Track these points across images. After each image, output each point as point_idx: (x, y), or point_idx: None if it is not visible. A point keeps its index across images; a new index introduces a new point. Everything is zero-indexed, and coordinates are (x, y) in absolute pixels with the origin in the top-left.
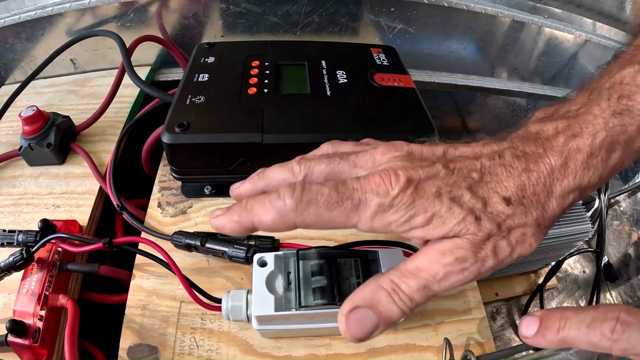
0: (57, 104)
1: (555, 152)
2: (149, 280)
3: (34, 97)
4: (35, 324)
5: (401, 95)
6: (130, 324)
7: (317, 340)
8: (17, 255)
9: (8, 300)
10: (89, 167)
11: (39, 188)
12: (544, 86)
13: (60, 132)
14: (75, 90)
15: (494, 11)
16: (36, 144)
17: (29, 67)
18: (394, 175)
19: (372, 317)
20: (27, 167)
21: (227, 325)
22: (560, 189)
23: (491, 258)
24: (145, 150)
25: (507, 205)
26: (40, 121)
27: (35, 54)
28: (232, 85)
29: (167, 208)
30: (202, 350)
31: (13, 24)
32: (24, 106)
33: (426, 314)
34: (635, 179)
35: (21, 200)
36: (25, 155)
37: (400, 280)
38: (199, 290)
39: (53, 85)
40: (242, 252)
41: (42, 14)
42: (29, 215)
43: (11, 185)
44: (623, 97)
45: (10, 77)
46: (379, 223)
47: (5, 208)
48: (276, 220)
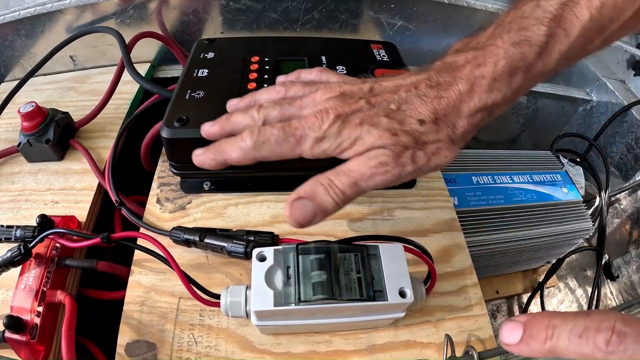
0: (57, 100)
1: (463, 80)
2: (148, 276)
3: (33, 94)
4: (32, 320)
5: None
6: (129, 320)
7: (317, 337)
8: (14, 251)
9: (6, 297)
10: (88, 163)
11: (38, 184)
12: (544, 84)
13: (60, 128)
14: (74, 87)
15: (494, 8)
16: (35, 140)
17: (29, 64)
18: (325, 113)
19: (311, 206)
20: (26, 164)
21: (226, 321)
22: (468, 109)
23: (410, 164)
24: (145, 146)
25: (421, 125)
26: (39, 117)
27: (35, 50)
28: (232, 80)
29: (166, 204)
30: (201, 346)
31: (12, 21)
32: (23, 103)
33: (427, 310)
34: (636, 177)
35: (20, 196)
36: (24, 152)
37: (335, 177)
38: (198, 286)
39: (52, 82)
40: (241, 247)
41: (41, 10)
42: (27, 211)
43: (10, 182)
44: (522, 29)
45: (10, 74)
46: (317, 151)
47: (4, 204)
48: (241, 156)
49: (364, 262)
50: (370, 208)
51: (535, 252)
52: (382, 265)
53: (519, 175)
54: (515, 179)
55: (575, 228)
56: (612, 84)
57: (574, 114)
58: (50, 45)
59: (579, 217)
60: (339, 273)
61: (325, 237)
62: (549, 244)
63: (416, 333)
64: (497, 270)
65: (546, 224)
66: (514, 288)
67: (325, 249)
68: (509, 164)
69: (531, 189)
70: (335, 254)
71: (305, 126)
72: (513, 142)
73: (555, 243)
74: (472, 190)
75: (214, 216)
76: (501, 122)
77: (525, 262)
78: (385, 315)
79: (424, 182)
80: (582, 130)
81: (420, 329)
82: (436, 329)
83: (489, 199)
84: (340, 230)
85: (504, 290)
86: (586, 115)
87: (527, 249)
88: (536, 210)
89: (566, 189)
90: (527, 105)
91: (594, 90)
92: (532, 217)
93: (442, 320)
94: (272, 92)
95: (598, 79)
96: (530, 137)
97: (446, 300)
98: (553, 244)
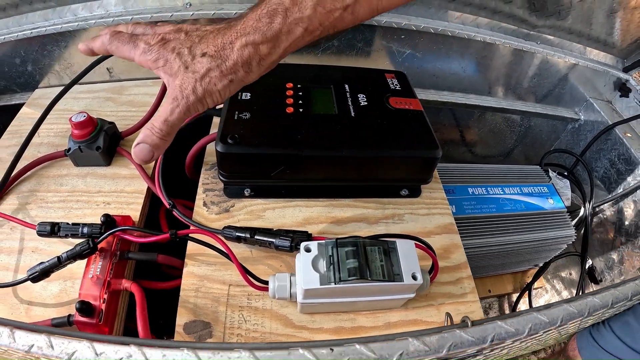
0: (96, 109)
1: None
2: (200, 267)
3: (71, 101)
4: (101, 305)
5: (411, 117)
6: (185, 304)
7: (344, 315)
8: (84, 245)
9: (63, 287)
10: (137, 169)
11: (87, 186)
12: (536, 104)
13: (108, 136)
14: (112, 98)
15: (491, 39)
16: (86, 147)
17: (65, 73)
18: (158, 35)
19: (146, 146)
20: (73, 167)
21: (270, 303)
22: (238, 44)
23: (191, 95)
24: (190, 157)
25: (202, 57)
26: (90, 126)
27: (73, 61)
28: (272, 104)
29: (212, 207)
30: (249, 324)
31: (54, 33)
32: (61, 110)
33: (430, 296)
34: (618, 190)
35: (70, 197)
36: (73, 157)
37: (154, 121)
38: (251, 274)
39: (89, 91)
40: (287, 242)
41: (84, 25)
42: (79, 210)
43: (58, 184)
44: None
45: (44, 81)
46: (142, 59)
47: (54, 204)
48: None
49: (385, 254)
50: (383, 213)
51: (523, 255)
52: (399, 256)
53: (510, 187)
54: (506, 190)
55: (559, 235)
56: (598, 105)
57: (563, 132)
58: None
59: (562, 225)
60: (367, 261)
61: None
62: (536, 248)
63: (422, 314)
64: (489, 271)
65: (533, 230)
66: (504, 288)
67: (357, 242)
68: (501, 177)
69: (520, 200)
70: (364, 246)
71: (142, 40)
72: (507, 156)
73: (541, 247)
74: (468, 200)
75: (254, 218)
76: (496, 137)
77: (515, 265)
78: (399, 296)
79: (427, 193)
80: (570, 146)
81: (425, 311)
82: (438, 311)
83: (482, 208)
84: (360, 231)
85: (496, 290)
86: (574, 132)
87: (516, 252)
88: (524, 218)
89: (552, 200)
90: (521, 123)
91: (582, 110)
92: (521, 224)
93: (442, 304)
94: None
95: (586, 99)
96: (522, 151)
97: (445, 289)
98: (539, 248)
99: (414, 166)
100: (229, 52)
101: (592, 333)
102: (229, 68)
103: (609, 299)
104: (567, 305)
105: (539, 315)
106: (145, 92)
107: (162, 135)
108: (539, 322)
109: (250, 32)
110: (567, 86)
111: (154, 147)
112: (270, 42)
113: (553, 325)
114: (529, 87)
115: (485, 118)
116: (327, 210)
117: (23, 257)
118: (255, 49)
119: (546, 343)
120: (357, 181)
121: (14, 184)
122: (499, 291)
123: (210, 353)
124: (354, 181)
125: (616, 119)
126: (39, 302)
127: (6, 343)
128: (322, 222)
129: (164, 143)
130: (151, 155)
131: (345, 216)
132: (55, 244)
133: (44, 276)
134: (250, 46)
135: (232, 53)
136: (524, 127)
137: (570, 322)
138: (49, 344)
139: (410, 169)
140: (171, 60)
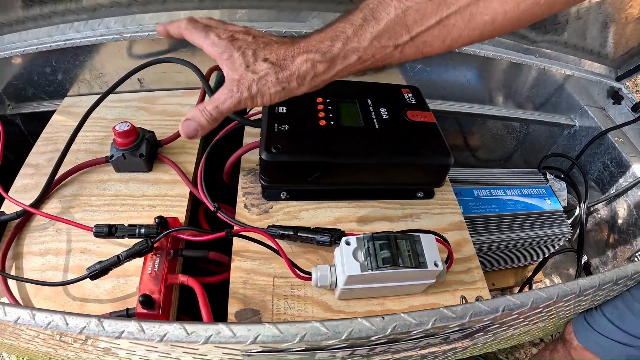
0: (130, 118)
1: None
2: (246, 262)
3: (103, 110)
4: (160, 298)
5: (427, 129)
6: (235, 294)
7: (374, 301)
8: (143, 244)
9: (116, 284)
10: (178, 174)
11: (131, 191)
12: (534, 112)
13: (149, 144)
14: (145, 107)
15: (494, 55)
16: (130, 154)
17: (96, 82)
18: (228, 32)
19: (193, 124)
20: (114, 173)
21: (311, 292)
22: (299, 58)
23: (246, 91)
24: (229, 164)
25: (264, 62)
26: (133, 135)
27: (104, 71)
28: (306, 117)
29: (252, 208)
30: (294, 310)
31: (88, 45)
32: (95, 118)
33: (446, 283)
34: (611, 190)
35: (114, 201)
36: (116, 163)
37: (207, 104)
38: (296, 267)
39: (120, 100)
40: (327, 237)
41: (119, 38)
42: (125, 213)
43: (101, 188)
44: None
45: (74, 89)
46: (210, 49)
47: (99, 207)
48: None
49: (412, 245)
50: (403, 213)
51: (523, 251)
52: (423, 247)
53: (511, 189)
54: (507, 192)
55: (556, 232)
56: (592, 112)
57: (559, 137)
58: (119, 67)
59: (559, 224)
60: (398, 251)
61: None
62: (534, 244)
63: (439, 298)
64: (493, 266)
65: (532, 228)
66: (507, 282)
67: (389, 236)
68: (502, 180)
69: (520, 200)
70: (395, 239)
71: (213, 32)
72: (507, 159)
73: (539, 244)
74: (474, 201)
75: (291, 218)
76: (497, 143)
77: (516, 260)
78: (422, 281)
79: (440, 194)
80: (566, 150)
81: (442, 296)
82: (452, 295)
83: (486, 208)
84: (384, 228)
85: (499, 284)
86: (570, 138)
87: (517, 248)
88: (524, 217)
89: (549, 201)
90: (520, 129)
91: (577, 116)
92: (521, 222)
93: (456, 290)
94: None
95: (581, 107)
96: (522, 156)
97: (458, 277)
98: (538, 244)
99: (430, 172)
100: (288, 63)
101: (585, 318)
102: (285, 77)
103: (596, 281)
104: (562, 285)
105: (539, 292)
106: (177, 102)
107: (210, 119)
108: (539, 297)
109: (312, 50)
110: (564, 95)
111: (200, 126)
112: (327, 63)
113: (550, 300)
114: (527, 96)
115: (487, 125)
116: (354, 210)
117: (72, 257)
118: (312, 65)
119: (546, 330)
120: (380, 185)
121: (55, 188)
122: (502, 285)
123: (288, 325)
124: (378, 185)
125: (609, 125)
126: (92, 299)
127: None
128: (351, 220)
129: (209, 125)
130: (195, 132)
131: (370, 215)
132: (103, 245)
133: (102, 273)
134: (309, 62)
135: (291, 64)
136: (523, 133)
137: (565, 299)
138: (140, 329)
139: (426, 174)
140: (235, 57)
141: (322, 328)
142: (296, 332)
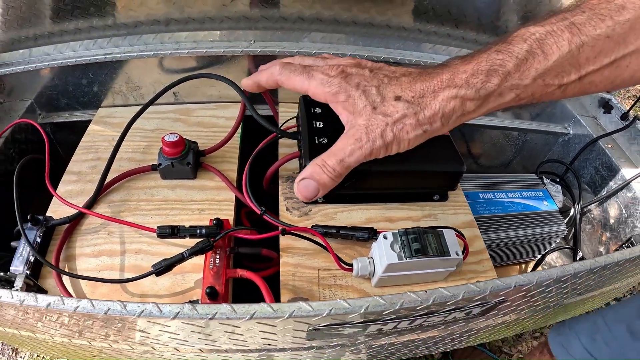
0: (167, 129)
1: (447, 71)
2: (293, 257)
3: (141, 121)
4: (222, 289)
5: (441, 140)
6: (286, 285)
7: (404, 288)
8: (205, 243)
9: (174, 280)
10: (223, 181)
11: (179, 196)
12: (531, 121)
13: (195, 153)
14: (181, 119)
15: None
16: (178, 163)
17: (131, 94)
18: (336, 67)
19: (313, 183)
20: (160, 180)
21: (351, 281)
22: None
23: (379, 139)
24: (270, 173)
25: (396, 101)
26: (182, 145)
27: (141, 84)
28: (340, 130)
29: (294, 211)
30: (338, 297)
31: (127, 59)
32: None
33: (462, 272)
34: (602, 192)
35: (164, 205)
36: (163, 171)
37: (327, 158)
38: (340, 260)
39: (156, 112)
40: (366, 234)
41: (157, 54)
42: (176, 217)
43: (149, 194)
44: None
45: (108, 100)
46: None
47: (150, 211)
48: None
49: (437, 238)
50: (422, 213)
51: (523, 247)
52: (446, 240)
53: (512, 192)
54: (509, 195)
55: (553, 230)
56: (584, 120)
57: (554, 144)
58: (155, 81)
59: (555, 223)
60: (426, 243)
61: None
62: (534, 241)
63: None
64: (496, 261)
65: (531, 227)
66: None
67: (418, 231)
68: (504, 184)
69: (521, 202)
70: (423, 234)
71: (318, 70)
72: (507, 166)
73: (538, 241)
74: (480, 203)
75: (328, 219)
76: (498, 150)
77: (517, 256)
78: (445, 269)
79: (452, 197)
80: (561, 156)
81: (459, 282)
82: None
83: (491, 209)
84: (408, 226)
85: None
86: (564, 145)
87: (518, 245)
88: (524, 217)
89: (546, 202)
90: (518, 137)
91: (570, 125)
92: (521, 222)
93: (471, 278)
94: None
95: (574, 116)
96: (520, 162)
97: (471, 267)
98: (537, 241)
99: (445, 178)
100: (429, 101)
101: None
102: (427, 117)
103: (588, 265)
104: (561, 267)
105: (542, 272)
106: (211, 114)
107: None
108: (542, 275)
109: (461, 85)
110: (558, 105)
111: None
112: (479, 101)
113: (551, 278)
114: (524, 107)
115: (488, 134)
116: (382, 212)
117: (127, 258)
118: (462, 103)
119: (546, 317)
120: (403, 189)
121: (102, 194)
122: None
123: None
124: (401, 189)
125: (600, 132)
126: (152, 295)
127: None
128: (380, 220)
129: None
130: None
131: (396, 216)
132: (158, 246)
133: (167, 270)
134: (458, 99)
135: (434, 102)
136: (521, 141)
137: (563, 279)
138: (232, 309)
139: (442, 180)
140: (355, 96)
141: (381, 300)
142: (362, 305)
